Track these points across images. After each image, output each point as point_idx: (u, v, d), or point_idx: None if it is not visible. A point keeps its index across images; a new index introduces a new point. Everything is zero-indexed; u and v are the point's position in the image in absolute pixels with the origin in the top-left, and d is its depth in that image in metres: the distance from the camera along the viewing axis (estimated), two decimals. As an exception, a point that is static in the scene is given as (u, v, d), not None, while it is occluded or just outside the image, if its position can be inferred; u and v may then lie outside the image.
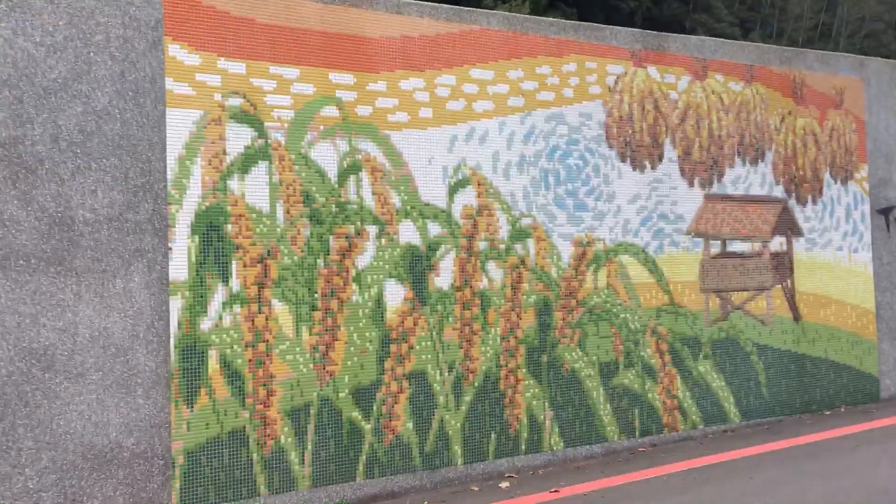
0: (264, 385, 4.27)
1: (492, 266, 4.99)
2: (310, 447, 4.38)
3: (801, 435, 5.81)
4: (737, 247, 6.03)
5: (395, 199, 4.69)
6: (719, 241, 5.97)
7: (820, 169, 6.48)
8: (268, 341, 4.29)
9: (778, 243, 6.23)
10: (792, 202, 6.32)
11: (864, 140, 6.72)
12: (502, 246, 5.04)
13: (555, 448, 5.16)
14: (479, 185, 4.99)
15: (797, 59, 6.42)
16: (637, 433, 5.48)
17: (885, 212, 6.81)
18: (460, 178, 4.93)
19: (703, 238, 5.89)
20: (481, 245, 4.96)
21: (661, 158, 5.72)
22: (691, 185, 5.84)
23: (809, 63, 6.51)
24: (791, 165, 6.32)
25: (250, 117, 4.32)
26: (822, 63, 6.58)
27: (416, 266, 4.75)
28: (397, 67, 4.74)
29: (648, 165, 5.66)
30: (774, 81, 6.28)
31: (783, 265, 6.24)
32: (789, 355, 6.22)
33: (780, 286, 6.21)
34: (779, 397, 6.10)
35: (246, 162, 4.29)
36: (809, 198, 6.41)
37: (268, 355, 4.28)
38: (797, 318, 6.28)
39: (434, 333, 4.78)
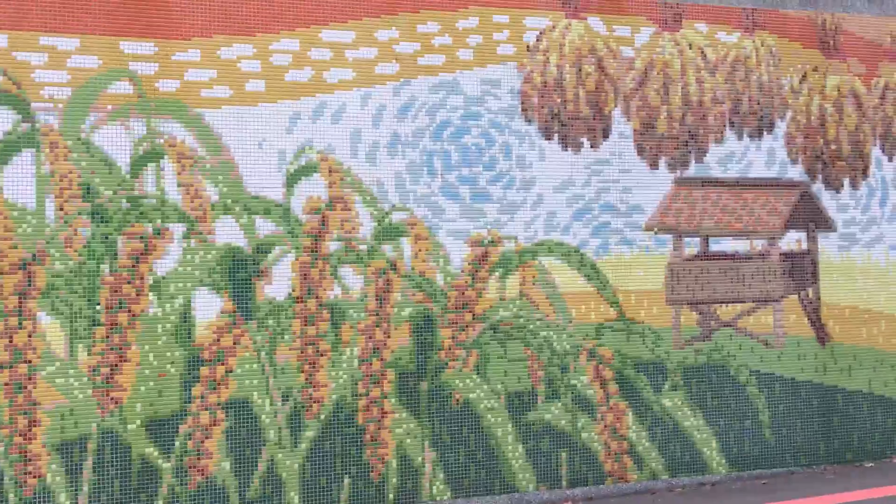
0: (25, 413, 3.65)
1: (347, 271, 4.07)
2: (86, 488, 3.70)
3: (818, 494, 4.37)
4: (726, 245, 4.66)
5: (211, 192, 3.90)
6: (698, 239, 4.63)
7: (865, 142, 4.91)
8: (31, 362, 3.66)
9: (794, 241, 4.78)
10: (818, 186, 4.81)
11: (942, 101, 5.05)
12: (363, 247, 4.10)
13: (439, 498, 4.14)
14: (330, 171, 4.08)
15: (830, -2, 4.91)
16: (564, 482, 4.32)
17: (973, 197, 5.10)
18: (304, 163, 4.04)
19: (673, 234, 4.58)
20: (332, 246, 4.06)
21: (606, 134, 4.49)
22: (653, 166, 4.55)
23: (850, 1, 4.96)
24: (816, 138, 4.82)
25: (12, 97, 3.69)
26: (871, 1, 4.99)
27: (239, 272, 3.94)
28: (216, 32, 3.95)
29: (587, 143, 4.45)
30: (791, 29, 4.81)
31: (802, 269, 4.76)
32: (809, 387, 4.74)
33: (796, 296, 4.76)
34: (791, 442, 4.64)
35: (5, 151, 3.69)
36: (847, 180, 4.87)
37: (30, 378, 3.66)
38: (823, 338, 4.78)
39: (262, 354, 3.95)
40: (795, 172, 4.77)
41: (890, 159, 4.92)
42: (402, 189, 4.16)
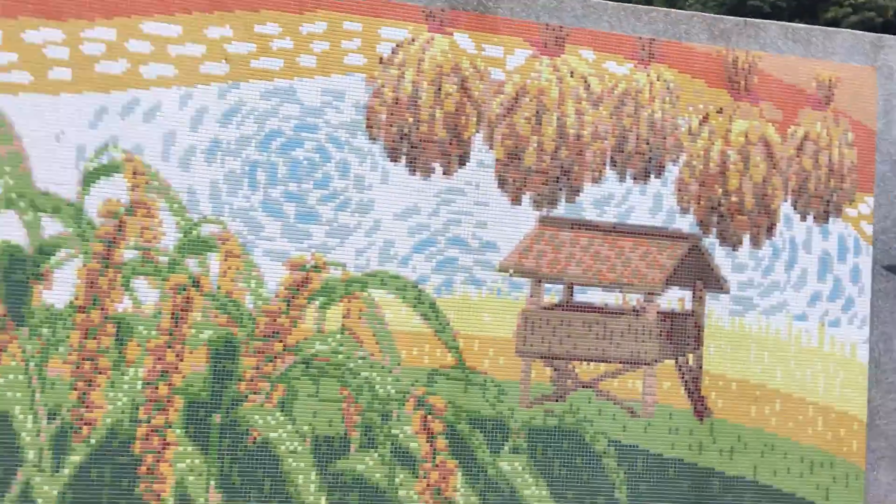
0: None
1: (142, 283, 3.72)
2: None
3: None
4: (595, 297, 4.16)
5: (-3, 183, 3.62)
6: (562, 286, 4.15)
7: (773, 196, 4.36)
8: None
9: (676, 299, 4.24)
10: (711, 241, 4.28)
11: (873, 159, 4.47)
12: (164, 258, 3.74)
13: (221, 546, 3.72)
14: (134, 173, 3.74)
15: (744, 32, 4.37)
16: (372, 545, 3.84)
17: (901, 270, 4.48)
18: (105, 162, 3.71)
19: (531, 279, 4.11)
20: (128, 254, 3.71)
21: (463, 161, 4.06)
22: (516, 201, 4.10)
23: (770, 39, 4.44)
24: (714, 187, 4.29)
25: None
26: (795, 40, 4.47)
27: (15, 273, 3.61)
28: (22, 13, 3.69)
29: (439, 169, 4.03)
30: (695, 64, 4.32)
31: (683, 332, 4.22)
32: (680, 467, 4.16)
33: (673, 362, 4.21)
34: (651, 527, 4.08)
35: None
36: (748, 237, 4.32)
37: None
38: (702, 412, 4.20)
39: (31, 365, 3.60)
40: (685, 223, 4.25)
41: (803, 218, 4.36)
42: (217, 200, 3.80)
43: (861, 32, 4.51)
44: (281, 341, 3.80)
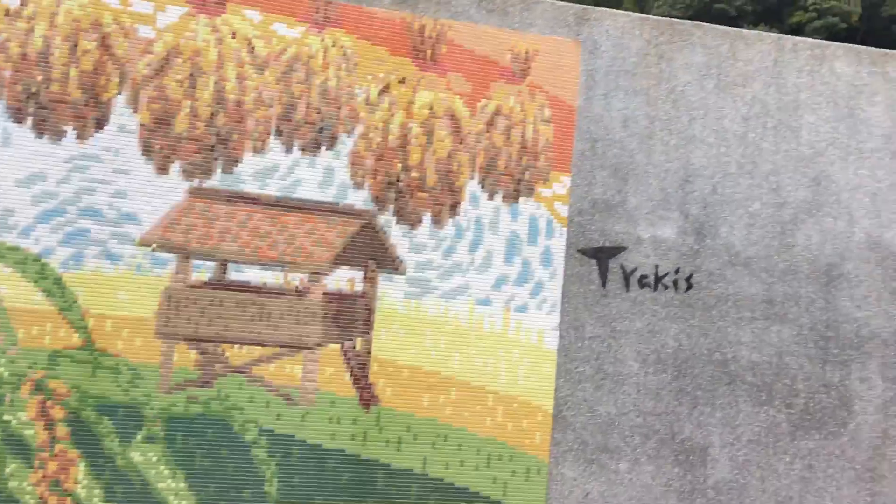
0: None
1: None
2: None
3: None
4: (253, 276, 3.88)
5: None
6: (214, 264, 3.86)
7: (459, 173, 4.13)
8: None
9: (346, 279, 3.99)
10: (387, 219, 4.04)
11: (572, 137, 4.27)
12: None
13: None
14: None
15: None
16: (-26, 541, 3.53)
17: (599, 254, 4.28)
18: None
19: (178, 254, 3.82)
20: None
21: (101, 124, 3.75)
22: (163, 170, 3.79)
23: (462, 8, 4.20)
24: (393, 161, 4.05)
25: None
26: (490, 10, 4.24)
27: None
28: None
29: (72, 132, 3.72)
30: (377, 30, 4.07)
31: (351, 315, 3.97)
32: (340, 458, 3.91)
33: (339, 346, 3.96)
34: (306, 523, 3.81)
35: None
36: (429, 216, 4.09)
37: None
38: (369, 400, 3.97)
39: None
40: (359, 199, 4.00)
41: (490, 197, 4.14)
42: None
43: (563, 3, 4.29)
44: None
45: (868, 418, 4.44)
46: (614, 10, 4.42)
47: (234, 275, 3.83)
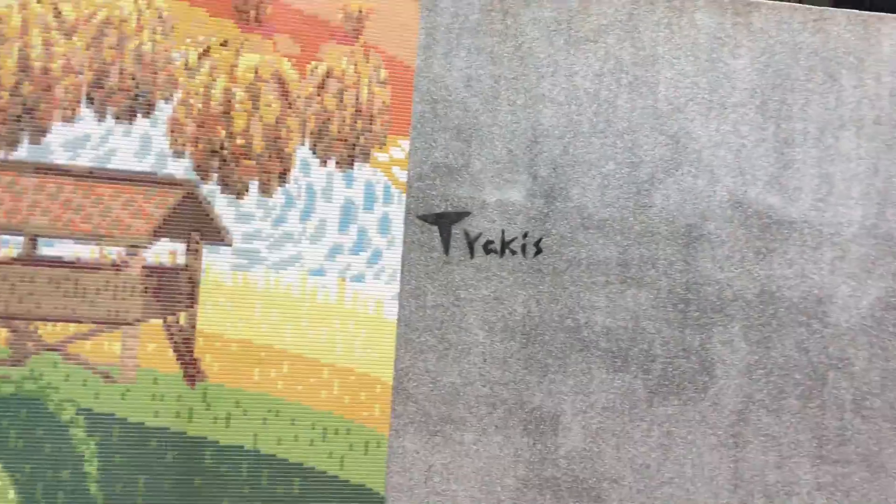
0: None
1: None
2: None
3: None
4: (67, 250, 3.75)
5: None
6: (23, 239, 3.74)
7: (288, 139, 3.98)
8: None
9: (167, 252, 3.86)
10: (211, 188, 3.90)
11: (411, 99, 4.10)
12: None
13: None
14: None
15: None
16: None
17: (440, 220, 4.14)
18: None
19: (-17, 230, 3.69)
20: None
21: None
22: (-37, 143, 3.68)
23: (289, -33, 4.03)
24: (216, 128, 3.90)
25: None
26: (319, -32, 4.06)
27: None
28: None
29: None
30: (196, -9, 3.91)
31: (174, 288, 3.84)
32: (165, 436, 3.81)
33: (161, 321, 3.84)
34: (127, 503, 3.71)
35: None
36: (256, 184, 3.95)
37: None
38: (194, 376, 3.86)
39: None
40: (179, 168, 3.85)
41: (323, 163, 3.99)
42: None
43: (400, -41, 4.12)
44: None
45: (731, 382, 4.32)
46: (463, -35, 4.23)
47: (45, 250, 3.71)
